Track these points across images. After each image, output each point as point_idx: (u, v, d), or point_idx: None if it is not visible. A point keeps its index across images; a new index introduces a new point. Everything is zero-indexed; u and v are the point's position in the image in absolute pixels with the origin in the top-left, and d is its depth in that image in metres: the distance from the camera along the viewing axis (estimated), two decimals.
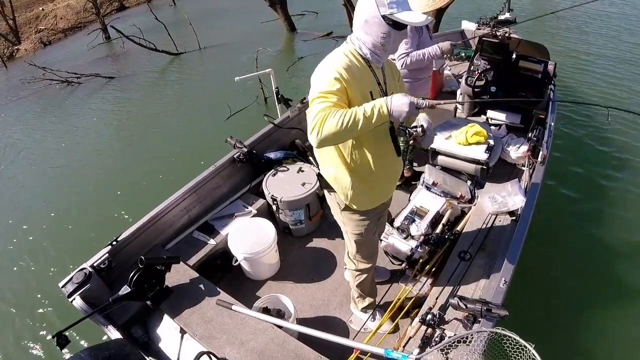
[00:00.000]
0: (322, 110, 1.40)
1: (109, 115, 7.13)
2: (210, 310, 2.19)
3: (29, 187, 5.44)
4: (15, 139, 7.04)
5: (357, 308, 2.38)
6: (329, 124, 1.37)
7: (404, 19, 1.47)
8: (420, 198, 2.76)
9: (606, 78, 5.54)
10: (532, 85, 3.28)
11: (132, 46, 9.56)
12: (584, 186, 3.78)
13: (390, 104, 1.41)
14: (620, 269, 3.00)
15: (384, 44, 1.56)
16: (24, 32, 14.01)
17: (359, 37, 1.59)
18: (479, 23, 4.66)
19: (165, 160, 5.22)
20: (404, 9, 1.49)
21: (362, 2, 1.53)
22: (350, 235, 1.98)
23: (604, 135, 4.46)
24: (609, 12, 7.88)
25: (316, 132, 1.39)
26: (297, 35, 8.98)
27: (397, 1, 1.48)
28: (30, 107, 8.36)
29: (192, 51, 9.12)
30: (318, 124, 1.38)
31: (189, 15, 10.21)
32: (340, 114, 1.38)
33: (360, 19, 1.55)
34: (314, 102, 1.45)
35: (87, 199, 4.83)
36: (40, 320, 3.38)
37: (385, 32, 1.52)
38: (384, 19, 1.49)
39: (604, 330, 2.66)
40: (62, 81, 8.78)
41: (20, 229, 4.55)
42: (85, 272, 2.26)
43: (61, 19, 14.27)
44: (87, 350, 1.81)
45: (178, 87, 7.75)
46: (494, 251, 2.32)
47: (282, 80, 6.83)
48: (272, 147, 3.43)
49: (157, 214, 2.67)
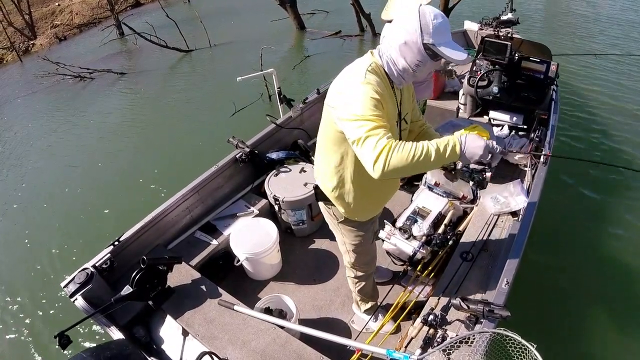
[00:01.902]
0: (387, 140, 1.29)
1: (116, 112, 7.17)
2: (212, 310, 2.19)
3: (32, 185, 5.46)
4: (22, 135, 7.12)
5: (359, 309, 2.37)
6: (398, 157, 1.28)
7: (447, 55, 1.40)
8: (423, 198, 2.75)
9: (609, 78, 5.52)
10: (534, 85, 3.28)
11: (145, 43, 9.67)
12: (587, 187, 3.77)
13: (464, 144, 1.35)
14: (624, 270, 2.99)
15: (416, 70, 1.48)
16: (39, 27, 14.13)
17: (390, 55, 1.49)
18: (481, 23, 4.66)
19: (170, 159, 5.24)
20: (446, 41, 1.41)
21: (404, 23, 1.43)
22: (348, 245, 1.96)
23: (608, 135, 4.44)
24: (613, 13, 7.86)
25: (382, 164, 1.28)
26: (306, 34, 9.03)
27: (442, 31, 1.40)
28: (42, 101, 8.47)
29: (202, 48, 9.20)
30: (385, 156, 1.28)
31: (202, 13, 10.29)
32: (410, 147, 1.29)
33: (398, 39, 1.44)
34: (364, 128, 1.32)
35: (90, 197, 4.84)
36: (42, 320, 3.39)
37: (421, 60, 1.44)
38: (424, 47, 1.41)
39: (605, 330, 2.65)
40: (75, 76, 8.91)
41: (21, 228, 4.56)
42: (87, 272, 2.26)
43: (77, 15, 14.39)
44: (89, 350, 1.81)
45: (186, 83, 7.82)
46: (496, 252, 2.31)
47: (288, 78, 6.92)
48: (274, 147, 3.42)
49: (159, 214, 2.67)
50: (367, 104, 1.36)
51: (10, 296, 3.71)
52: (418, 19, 1.39)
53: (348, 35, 8.34)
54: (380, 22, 2.26)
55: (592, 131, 4.54)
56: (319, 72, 7.11)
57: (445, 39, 1.41)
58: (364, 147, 1.32)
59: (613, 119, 4.71)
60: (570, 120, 4.71)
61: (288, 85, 6.52)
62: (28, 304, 3.57)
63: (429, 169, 1.33)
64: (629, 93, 5.15)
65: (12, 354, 3.18)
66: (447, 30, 1.42)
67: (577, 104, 5.06)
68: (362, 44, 8.10)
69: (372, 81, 1.42)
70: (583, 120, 4.73)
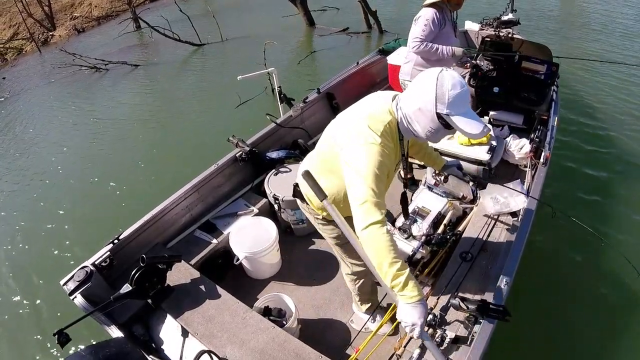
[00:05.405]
0: (380, 217, 1.37)
1: (126, 105, 7.20)
2: (212, 309, 2.19)
3: (29, 182, 5.44)
4: (34, 125, 7.20)
5: (359, 308, 2.37)
6: (378, 246, 1.36)
7: (461, 127, 1.39)
8: (422, 198, 2.75)
9: (610, 77, 5.52)
10: (535, 86, 3.28)
11: (159, 36, 9.81)
12: (587, 187, 3.77)
13: (407, 301, 1.38)
14: (624, 270, 2.99)
15: (429, 137, 1.49)
16: (59, 19, 14.24)
17: (408, 114, 1.48)
18: (482, 24, 4.66)
19: (175, 154, 5.24)
20: (463, 112, 1.39)
21: (422, 88, 1.42)
22: (329, 240, 1.99)
23: (608, 136, 4.44)
24: (615, 13, 7.86)
25: (366, 234, 1.37)
26: (315, 30, 9.12)
27: (457, 103, 1.38)
28: (57, 92, 8.57)
29: (214, 43, 9.32)
30: (371, 230, 1.36)
31: (218, 8, 10.57)
32: (394, 250, 1.36)
33: (415, 103, 1.44)
34: (365, 193, 1.38)
35: (91, 194, 4.82)
36: (41, 318, 3.38)
37: (434, 128, 1.44)
38: (437, 116, 1.40)
39: (606, 331, 2.65)
40: (91, 67, 9.02)
41: (21, 227, 4.56)
42: (86, 270, 2.27)
43: (95, 7, 14.51)
44: (88, 348, 1.81)
45: (197, 77, 7.94)
46: (496, 252, 2.32)
47: (293, 73, 7.02)
48: (274, 146, 3.42)
49: (158, 212, 2.68)
50: (372, 166, 1.41)
51: (9, 294, 3.70)
52: (435, 88, 1.38)
53: (355, 32, 8.42)
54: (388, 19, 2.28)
55: (592, 131, 4.54)
56: (324, 68, 7.20)
57: (461, 109, 1.39)
58: (359, 209, 1.39)
59: (616, 118, 4.71)
60: (571, 120, 4.71)
61: (293, 81, 6.59)
62: (27, 302, 3.56)
63: (379, 268, 1.39)
64: (630, 93, 5.15)
65: (11, 352, 3.18)
66: (465, 101, 1.40)
67: (578, 104, 5.06)
68: (369, 41, 8.16)
69: (383, 143, 1.45)
70: (583, 120, 4.73)
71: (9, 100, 8.82)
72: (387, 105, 1.55)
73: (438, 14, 2.82)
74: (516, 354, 2.51)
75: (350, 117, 1.60)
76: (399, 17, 8.71)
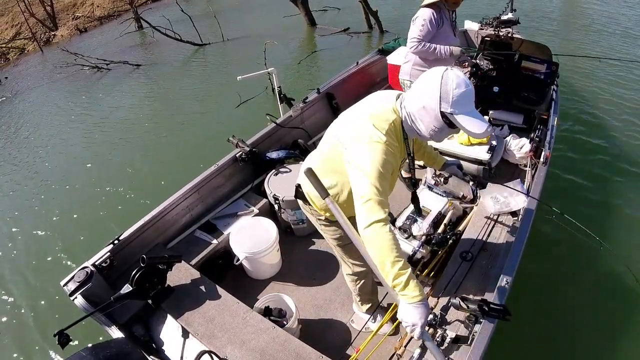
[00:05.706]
0: (383, 216, 1.37)
1: (126, 105, 7.23)
2: (212, 309, 2.19)
3: (30, 182, 5.45)
4: (35, 123, 7.24)
5: (359, 308, 2.37)
6: (381, 244, 1.36)
7: (464, 126, 1.39)
8: (422, 198, 2.74)
9: (610, 78, 5.51)
10: (534, 85, 3.28)
11: (161, 36, 9.87)
12: (587, 187, 3.77)
13: (411, 302, 1.38)
14: (624, 270, 2.99)
15: (433, 135, 1.49)
16: (61, 19, 14.36)
17: (412, 113, 1.48)
18: (481, 23, 4.66)
19: (176, 154, 5.25)
20: (467, 111, 1.39)
21: (426, 86, 1.42)
22: (330, 241, 1.98)
23: (608, 135, 4.44)
24: (615, 13, 7.86)
25: (369, 232, 1.37)
26: (316, 30, 9.16)
27: (462, 101, 1.37)
28: (58, 91, 8.63)
29: (215, 43, 9.36)
30: (374, 228, 1.36)
31: (219, 8, 10.64)
32: (396, 249, 1.36)
33: (419, 102, 1.44)
34: (370, 191, 1.38)
35: (92, 192, 4.82)
36: (42, 319, 3.38)
37: (437, 126, 1.44)
38: (441, 115, 1.40)
39: (606, 330, 2.65)
40: (92, 66, 9.07)
41: (21, 227, 4.56)
42: (86, 271, 2.27)
43: (97, 7, 14.60)
44: (89, 348, 1.81)
45: (197, 77, 7.97)
46: (496, 251, 2.31)
47: (293, 73, 7.05)
48: (274, 146, 3.42)
49: (158, 212, 2.68)
50: (377, 164, 1.41)
51: (9, 294, 3.70)
52: (439, 86, 1.38)
53: (356, 32, 8.44)
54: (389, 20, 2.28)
55: (593, 130, 4.54)
56: (324, 68, 7.22)
57: (466, 108, 1.39)
58: (362, 206, 1.39)
59: (616, 118, 4.71)
60: (571, 120, 4.71)
61: (293, 80, 6.64)
62: (27, 302, 3.57)
63: (381, 267, 1.39)
64: (630, 92, 5.15)
65: (11, 353, 3.17)
66: (469, 100, 1.40)
67: (578, 103, 5.06)
68: (370, 40, 8.17)
69: (388, 142, 1.45)
70: (583, 120, 4.73)
71: (10, 99, 8.88)
72: (391, 104, 1.55)
73: (435, 13, 2.83)
74: (516, 354, 2.51)
75: (354, 116, 1.60)
76: (400, 17, 8.72)
